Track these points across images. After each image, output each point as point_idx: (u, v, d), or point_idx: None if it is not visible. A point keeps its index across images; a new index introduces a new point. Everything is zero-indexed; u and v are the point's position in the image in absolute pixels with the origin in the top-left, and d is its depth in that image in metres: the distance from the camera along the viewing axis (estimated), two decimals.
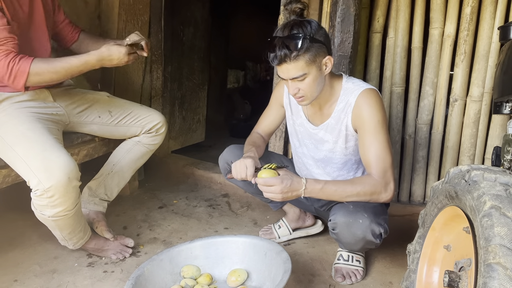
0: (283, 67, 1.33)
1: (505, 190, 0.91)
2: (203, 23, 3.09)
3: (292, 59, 1.30)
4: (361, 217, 1.41)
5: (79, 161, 1.74)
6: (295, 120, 1.64)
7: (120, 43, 1.58)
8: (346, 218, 1.43)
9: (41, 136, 1.43)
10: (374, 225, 1.41)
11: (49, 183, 1.32)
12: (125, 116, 1.82)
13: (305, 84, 1.36)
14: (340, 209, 1.46)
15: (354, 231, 1.42)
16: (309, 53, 1.31)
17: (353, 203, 1.44)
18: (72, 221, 1.49)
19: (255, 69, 5.15)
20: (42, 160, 1.36)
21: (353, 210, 1.42)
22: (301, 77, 1.34)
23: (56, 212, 1.40)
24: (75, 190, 1.42)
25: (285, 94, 1.66)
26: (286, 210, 1.88)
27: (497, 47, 1.92)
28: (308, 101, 1.43)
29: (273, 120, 1.73)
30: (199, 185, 2.57)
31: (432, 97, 2.11)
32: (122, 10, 2.60)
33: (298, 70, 1.32)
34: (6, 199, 1.88)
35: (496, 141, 1.98)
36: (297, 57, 1.30)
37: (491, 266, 0.80)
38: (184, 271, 1.50)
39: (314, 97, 1.42)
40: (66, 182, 1.35)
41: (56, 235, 1.57)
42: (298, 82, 1.36)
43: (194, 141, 3.23)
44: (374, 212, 1.43)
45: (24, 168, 1.38)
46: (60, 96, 1.70)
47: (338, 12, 1.95)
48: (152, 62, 2.67)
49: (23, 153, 1.38)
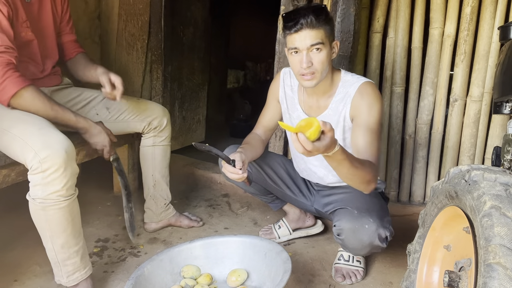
0: (303, 34, 1.32)
1: (505, 190, 0.91)
2: (203, 23, 3.09)
3: (315, 25, 1.31)
4: (367, 222, 1.38)
5: (79, 161, 1.73)
6: (291, 113, 1.62)
7: (110, 77, 1.64)
8: (352, 224, 1.40)
9: (37, 119, 1.39)
10: (381, 229, 1.39)
11: (46, 153, 1.26)
12: (123, 111, 1.82)
13: (320, 57, 1.35)
14: (345, 214, 1.44)
15: (361, 237, 1.40)
16: (328, 26, 1.35)
17: (357, 206, 1.42)
18: (65, 220, 1.35)
19: (255, 69, 5.15)
20: (39, 136, 1.31)
21: (358, 215, 1.40)
22: (319, 46, 1.33)
23: (48, 194, 1.29)
24: (70, 171, 1.32)
25: (280, 88, 1.64)
26: (286, 210, 1.88)
27: (497, 47, 1.92)
28: (317, 80, 1.40)
29: (271, 117, 1.71)
30: (199, 185, 2.57)
31: (432, 97, 2.11)
32: (122, 10, 2.61)
33: (318, 38, 1.33)
34: (6, 199, 1.88)
35: (496, 141, 1.98)
36: (320, 24, 1.32)
37: (491, 266, 0.80)
38: (184, 271, 1.50)
39: (323, 77, 1.41)
40: (63, 155, 1.28)
41: (49, 253, 1.41)
42: (313, 54, 1.35)
43: (194, 141, 3.22)
44: (379, 215, 1.41)
45: (20, 146, 1.32)
46: (57, 95, 1.70)
47: (338, 12, 1.95)
48: (152, 62, 2.67)
49: (20, 132, 1.33)
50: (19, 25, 1.48)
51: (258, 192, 1.77)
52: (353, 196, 1.53)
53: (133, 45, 2.63)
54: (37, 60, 1.62)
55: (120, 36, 2.64)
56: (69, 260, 1.40)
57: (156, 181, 1.92)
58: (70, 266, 1.40)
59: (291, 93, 1.61)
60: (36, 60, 1.62)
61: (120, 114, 1.82)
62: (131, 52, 2.64)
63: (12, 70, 1.35)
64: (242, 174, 1.39)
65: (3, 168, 1.43)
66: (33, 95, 1.40)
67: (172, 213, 1.97)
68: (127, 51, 2.65)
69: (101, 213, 2.10)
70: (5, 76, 1.34)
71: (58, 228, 1.35)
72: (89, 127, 1.52)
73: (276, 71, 2.16)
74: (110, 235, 1.89)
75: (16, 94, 1.37)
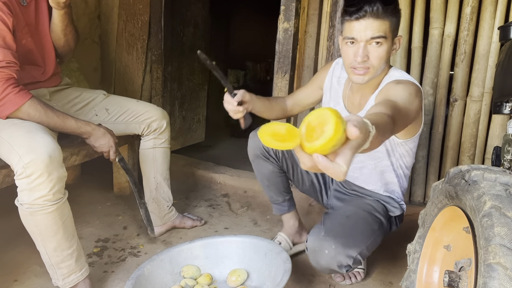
0: (365, 23, 1.18)
1: (505, 190, 0.91)
2: (203, 23, 3.10)
3: (380, 15, 1.17)
4: (328, 247, 1.27)
5: (79, 161, 1.74)
6: (332, 106, 1.50)
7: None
8: (313, 245, 1.31)
9: (27, 123, 1.38)
10: (342, 257, 1.26)
11: (29, 157, 1.24)
12: (122, 113, 1.82)
13: (378, 52, 1.22)
14: (313, 232, 1.34)
15: (319, 260, 1.31)
16: (395, 18, 1.22)
17: (334, 225, 1.32)
18: (54, 224, 1.32)
19: (255, 69, 5.15)
20: (25, 139, 1.30)
21: (323, 238, 1.29)
22: (379, 39, 1.20)
23: (34, 199, 1.26)
24: (56, 176, 1.29)
25: (327, 77, 1.54)
26: (285, 221, 1.79)
27: (497, 47, 1.92)
28: (370, 77, 1.27)
29: (306, 95, 1.61)
30: (199, 185, 2.57)
31: (432, 97, 2.11)
32: (122, 10, 2.61)
33: (380, 31, 1.19)
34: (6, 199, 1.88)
35: (496, 141, 1.98)
36: (386, 15, 1.18)
37: (491, 266, 0.80)
38: (184, 271, 1.50)
39: (377, 74, 1.28)
40: (47, 160, 1.25)
41: (43, 256, 1.39)
42: (372, 47, 1.22)
43: (194, 141, 3.23)
44: (345, 243, 1.27)
45: (7, 149, 1.31)
46: (56, 95, 1.70)
47: (338, 12, 1.96)
48: (152, 62, 2.67)
49: (8, 135, 1.32)
50: (19, 33, 1.47)
51: (277, 185, 1.67)
52: (344, 212, 1.43)
53: (133, 45, 2.63)
54: (38, 63, 1.62)
55: (120, 36, 2.65)
56: (63, 263, 1.38)
57: (158, 184, 1.91)
58: (65, 269, 1.39)
59: (337, 86, 1.51)
60: (38, 63, 1.61)
61: (120, 116, 1.81)
62: (131, 52, 2.65)
63: (12, 86, 1.34)
64: (237, 107, 1.32)
65: (3, 168, 1.43)
66: (30, 110, 1.38)
67: (175, 215, 1.96)
68: (127, 51, 2.65)
69: (101, 213, 2.10)
70: (5, 92, 1.32)
71: (48, 232, 1.33)
72: (92, 130, 1.51)
73: (276, 71, 2.16)
74: (110, 235, 1.89)
75: (14, 113, 1.36)
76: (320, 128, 0.57)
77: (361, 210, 1.43)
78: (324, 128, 0.56)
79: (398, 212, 1.50)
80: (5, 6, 1.35)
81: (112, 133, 1.59)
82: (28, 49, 1.54)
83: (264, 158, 1.62)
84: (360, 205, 1.46)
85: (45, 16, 1.61)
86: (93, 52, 2.69)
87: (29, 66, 1.57)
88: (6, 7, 1.35)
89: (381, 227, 1.43)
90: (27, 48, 1.53)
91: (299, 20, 2.12)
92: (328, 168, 0.59)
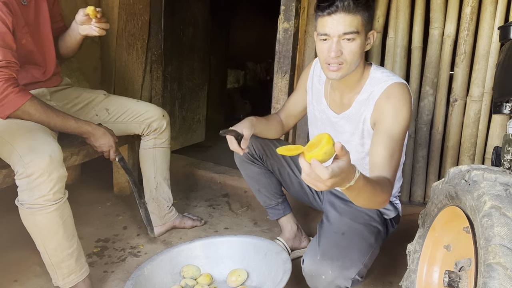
0: (337, 18, 1.20)
1: (505, 190, 0.91)
2: (203, 23, 3.09)
3: (352, 10, 1.19)
4: (325, 272, 1.23)
5: (79, 161, 1.74)
6: (315, 105, 1.53)
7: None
8: (310, 268, 1.27)
9: (28, 123, 1.39)
10: (341, 280, 1.22)
11: (30, 157, 1.25)
12: (122, 113, 1.82)
13: (351, 48, 1.23)
14: (308, 254, 1.30)
15: (316, 285, 1.27)
16: (367, 12, 1.23)
17: (329, 245, 1.29)
18: (55, 224, 1.33)
19: (255, 69, 5.15)
20: (26, 139, 1.31)
21: (319, 262, 1.24)
22: (351, 35, 1.21)
23: (35, 199, 1.27)
24: (56, 175, 1.29)
25: (309, 77, 1.56)
26: (283, 226, 1.77)
27: (497, 47, 1.92)
28: (343, 73, 1.27)
29: (294, 103, 1.63)
30: (199, 185, 2.57)
31: (432, 97, 2.11)
32: (122, 10, 2.61)
33: (352, 26, 1.20)
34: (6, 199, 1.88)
35: (496, 141, 1.98)
36: (358, 10, 1.19)
37: (491, 266, 0.80)
38: (184, 271, 1.50)
39: (351, 70, 1.28)
40: (47, 159, 1.26)
41: (43, 256, 1.39)
42: (344, 43, 1.23)
43: (194, 141, 3.23)
44: (343, 266, 1.23)
45: (7, 149, 1.32)
46: (56, 95, 1.70)
47: None
48: (152, 62, 2.67)
49: (10, 136, 1.33)
50: (19, 32, 1.47)
51: (267, 187, 1.69)
52: (339, 228, 1.38)
53: (133, 45, 2.63)
54: (39, 63, 1.61)
55: (120, 36, 2.65)
56: (63, 263, 1.38)
57: (158, 184, 1.91)
58: (65, 269, 1.39)
59: (318, 84, 1.52)
60: (38, 63, 1.61)
61: (120, 116, 1.81)
62: (131, 52, 2.64)
63: (12, 86, 1.33)
64: (239, 148, 1.39)
65: (3, 168, 1.44)
66: (31, 109, 1.38)
67: (175, 215, 1.96)
68: (127, 51, 2.65)
69: (101, 213, 2.10)
70: (6, 92, 1.32)
71: (49, 232, 1.34)
72: (92, 130, 1.51)
73: (276, 71, 2.16)
74: (110, 235, 1.89)
75: (14, 113, 1.36)
76: (317, 143, 0.84)
77: (356, 224, 1.38)
78: (320, 142, 0.83)
79: (392, 214, 1.47)
80: (5, 6, 1.34)
81: (112, 133, 1.59)
82: (28, 49, 1.54)
83: (250, 162, 1.66)
84: (355, 217, 1.41)
85: (46, 16, 1.60)
86: (93, 52, 2.68)
87: (29, 66, 1.57)
88: (6, 7, 1.35)
89: (378, 237, 1.40)
90: (27, 48, 1.53)
91: (299, 20, 2.12)
92: (317, 167, 0.83)
